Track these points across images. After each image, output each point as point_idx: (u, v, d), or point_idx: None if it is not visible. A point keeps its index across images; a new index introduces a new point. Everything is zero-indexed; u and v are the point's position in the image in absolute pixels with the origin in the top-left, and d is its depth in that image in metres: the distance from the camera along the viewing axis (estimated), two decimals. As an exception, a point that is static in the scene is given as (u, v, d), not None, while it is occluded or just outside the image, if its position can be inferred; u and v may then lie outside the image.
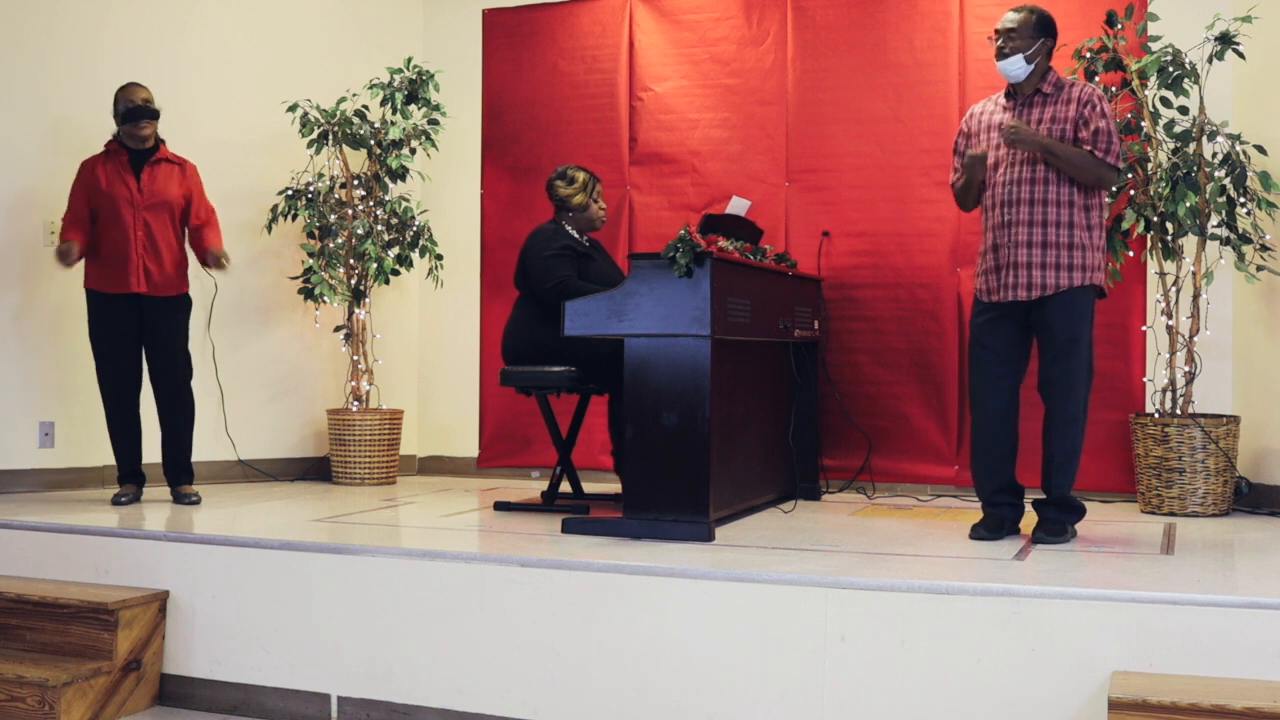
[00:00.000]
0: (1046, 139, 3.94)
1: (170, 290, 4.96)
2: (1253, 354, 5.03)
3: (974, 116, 4.21)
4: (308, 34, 6.08)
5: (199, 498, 4.98)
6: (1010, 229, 3.99)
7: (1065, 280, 3.94)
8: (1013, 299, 4.00)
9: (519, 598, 3.61)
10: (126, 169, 4.92)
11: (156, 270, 4.91)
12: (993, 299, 4.05)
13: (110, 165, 4.93)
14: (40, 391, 5.33)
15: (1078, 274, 3.95)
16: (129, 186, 4.90)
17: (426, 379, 6.42)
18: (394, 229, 5.92)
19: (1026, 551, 3.81)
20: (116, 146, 4.98)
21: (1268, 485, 4.91)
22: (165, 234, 4.94)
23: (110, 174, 4.91)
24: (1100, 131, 3.95)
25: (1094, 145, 3.95)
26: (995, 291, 4.04)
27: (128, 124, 4.91)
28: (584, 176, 4.99)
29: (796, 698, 3.30)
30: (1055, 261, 3.94)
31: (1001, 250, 4.02)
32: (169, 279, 4.95)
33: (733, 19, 5.89)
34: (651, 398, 4.02)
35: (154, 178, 4.96)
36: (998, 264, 4.03)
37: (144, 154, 4.97)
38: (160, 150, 5.02)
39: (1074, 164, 3.93)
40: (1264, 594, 3.09)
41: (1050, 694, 3.10)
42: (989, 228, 4.09)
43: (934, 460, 5.49)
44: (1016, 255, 3.98)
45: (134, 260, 4.87)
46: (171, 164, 5.03)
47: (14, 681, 3.70)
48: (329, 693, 3.82)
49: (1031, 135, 3.93)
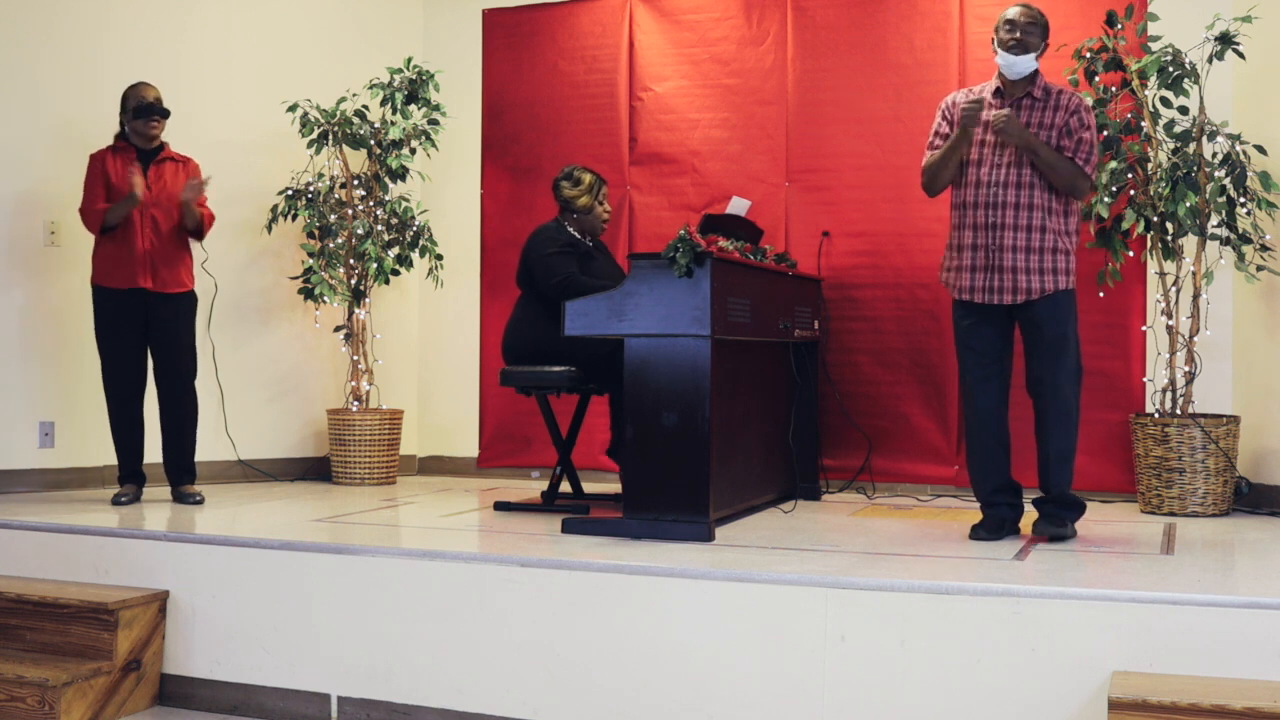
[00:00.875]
0: (1034, 138, 3.95)
1: (176, 287, 4.97)
2: (1253, 354, 5.03)
3: (955, 105, 4.17)
4: (308, 34, 6.08)
5: (202, 497, 4.98)
6: (995, 231, 4.00)
7: (1051, 284, 3.97)
8: (998, 302, 4.01)
9: (519, 598, 3.61)
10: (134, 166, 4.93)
11: (164, 266, 4.92)
12: (976, 300, 4.05)
13: (119, 161, 4.94)
14: (40, 391, 5.33)
15: (1062, 278, 3.99)
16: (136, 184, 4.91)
17: (426, 379, 6.42)
18: (394, 229, 5.92)
19: (1026, 551, 3.81)
20: (125, 144, 4.99)
21: (1268, 485, 4.91)
22: (171, 230, 4.96)
23: (119, 170, 4.91)
24: (1084, 142, 3.99)
25: (1075, 153, 3.97)
26: (980, 293, 4.04)
27: (139, 120, 4.93)
28: (590, 179, 4.99)
29: (796, 698, 3.30)
30: (1040, 266, 3.97)
31: (983, 251, 4.02)
32: (175, 275, 4.97)
33: (733, 19, 5.88)
34: (651, 398, 4.02)
35: (161, 175, 4.98)
36: (976, 264, 4.04)
37: (150, 152, 5.00)
38: (165, 149, 5.04)
39: (1054, 167, 3.95)
40: (1264, 594, 3.09)
41: (1050, 694, 3.10)
42: (967, 225, 4.07)
43: (934, 460, 5.49)
44: (1002, 259, 3.99)
45: (141, 256, 4.88)
46: (176, 162, 5.05)
47: (14, 681, 3.70)
48: (329, 693, 3.82)
49: (1020, 129, 3.93)
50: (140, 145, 4.99)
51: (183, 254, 5.02)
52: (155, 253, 4.91)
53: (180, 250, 5.00)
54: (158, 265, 4.92)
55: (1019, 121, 3.95)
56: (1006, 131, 3.93)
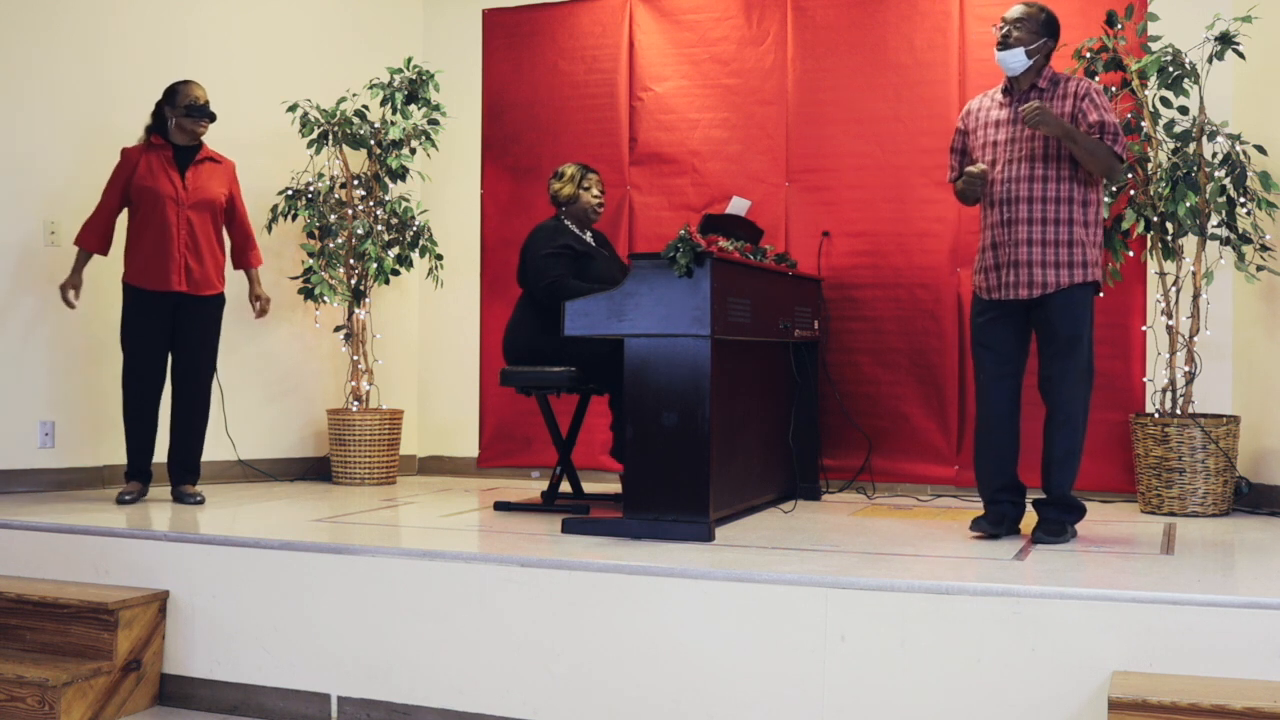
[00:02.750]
0: (1068, 125, 3.89)
1: (208, 289, 4.96)
2: (1253, 354, 5.03)
3: (971, 114, 4.20)
4: (308, 34, 6.08)
5: (203, 498, 4.98)
6: (1010, 227, 3.99)
7: (1066, 278, 3.94)
8: (1014, 297, 4.00)
9: (519, 598, 3.61)
10: (171, 165, 4.91)
11: (197, 269, 4.91)
12: (993, 297, 4.05)
13: (154, 159, 4.90)
14: (41, 391, 5.32)
15: (1078, 271, 3.95)
16: (174, 183, 4.89)
17: (426, 379, 6.42)
18: (394, 229, 5.92)
19: (1026, 551, 3.81)
20: (162, 141, 4.95)
21: (1268, 485, 4.91)
22: (207, 232, 4.94)
23: (155, 167, 4.88)
24: (1106, 125, 3.94)
25: (1101, 136, 3.94)
26: (995, 290, 4.04)
27: (189, 119, 4.90)
28: (571, 169, 5.00)
29: (796, 698, 3.30)
30: (1055, 259, 3.94)
31: (1001, 248, 4.01)
32: (208, 278, 4.96)
33: (733, 19, 5.89)
34: (651, 398, 4.02)
35: (199, 175, 4.95)
36: (997, 262, 4.03)
37: (189, 151, 4.96)
38: (204, 148, 5.01)
39: (1090, 151, 3.90)
40: (1264, 594, 3.09)
41: (1050, 694, 3.10)
42: (987, 225, 4.08)
43: (934, 460, 5.49)
44: (1017, 254, 3.97)
45: (176, 258, 4.86)
46: (215, 162, 5.03)
47: (14, 681, 3.70)
48: (329, 693, 3.82)
49: (1054, 119, 3.86)
50: (181, 143, 4.94)
51: (216, 256, 5.01)
52: (190, 255, 4.88)
53: (214, 252, 4.98)
54: (192, 268, 4.90)
55: (1051, 112, 3.87)
56: (1042, 122, 3.85)
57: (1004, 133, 4.05)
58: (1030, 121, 3.87)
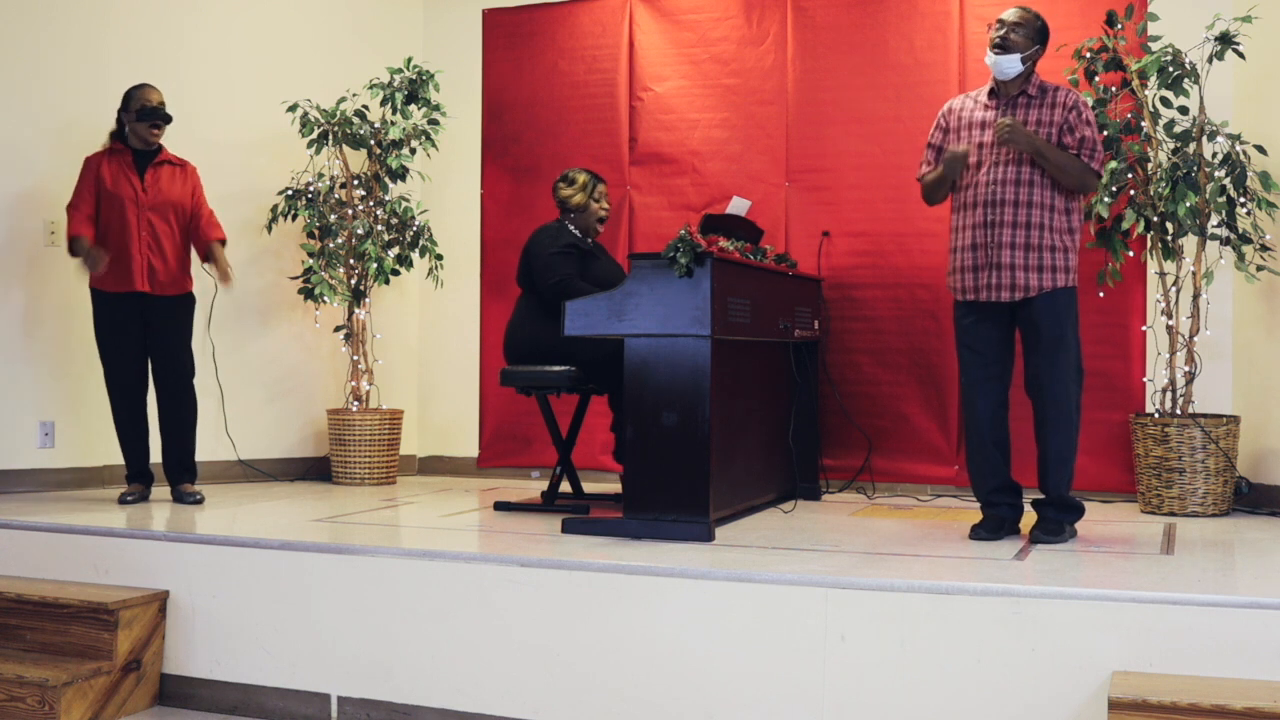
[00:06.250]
0: (1039, 140, 3.94)
1: (174, 289, 4.97)
2: (1253, 354, 5.03)
3: (953, 112, 4.19)
4: (308, 34, 6.08)
5: (202, 497, 4.98)
6: (994, 229, 3.99)
7: (1049, 281, 3.96)
8: (995, 299, 4.00)
9: (519, 598, 3.61)
10: (131, 169, 4.94)
11: (161, 269, 4.93)
12: (970, 298, 4.05)
13: (114, 163, 4.94)
14: (41, 391, 5.33)
15: (1061, 275, 3.97)
16: (134, 186, 4.91)
17: (426, 379, 6.42)
18: (394, 229, 5.92)
19: (1026, 551, 3.81)
20: (121, 145, 4.98)
21: (1268, 485, 4.91)
22: (169, 233, 4.96)
23: (115, 172, 4.91)
24: (1087, 140, 3.97)
25: (1079, 151, 3.96)
26: (977, 291, 4.03)
27: (141, 123, 4.92)
28: (584, 178, 5.00)
29: (796, 698, 3.30)
30: (1038, 263, 3.95)
31: (982, 250, 4.01)
32: (173, 277, 4.97)
33: (733, 19, 5.89)
34: (651, 398, 4.02)
35: (158, 178, 4.97)
36: (977, 263, 4.03)
37: (148, 154, 4.99)
38: (163, 152, 5.03)
39: (1062, 168, 3.93)
40: (1264, 594, 3.09)
41: (1050, 694, 3.10)
42: (966, 226, 4.07)
43: (934, 460, 5.50)
44: (1000, 256, 3.98)
45: (138, 259, 4.88)
46: (174, 165, 5.05)
47: (14, 681, 3.70)
48: (329, 693, 3.83)
49: (1026, 135, 3.92)
50: (138, 147, 4.98)
51: (181, 256, 5.01)
52: (152, 256, 4.90)
53: (178, 253, 4.99)
54: (155, 269, 4.91)
55: (1024, 129, 3.93)
56: (1013, 140, 3.90)
57: (990, 134, 4.05)
58: (1002, 137, 3.91)
